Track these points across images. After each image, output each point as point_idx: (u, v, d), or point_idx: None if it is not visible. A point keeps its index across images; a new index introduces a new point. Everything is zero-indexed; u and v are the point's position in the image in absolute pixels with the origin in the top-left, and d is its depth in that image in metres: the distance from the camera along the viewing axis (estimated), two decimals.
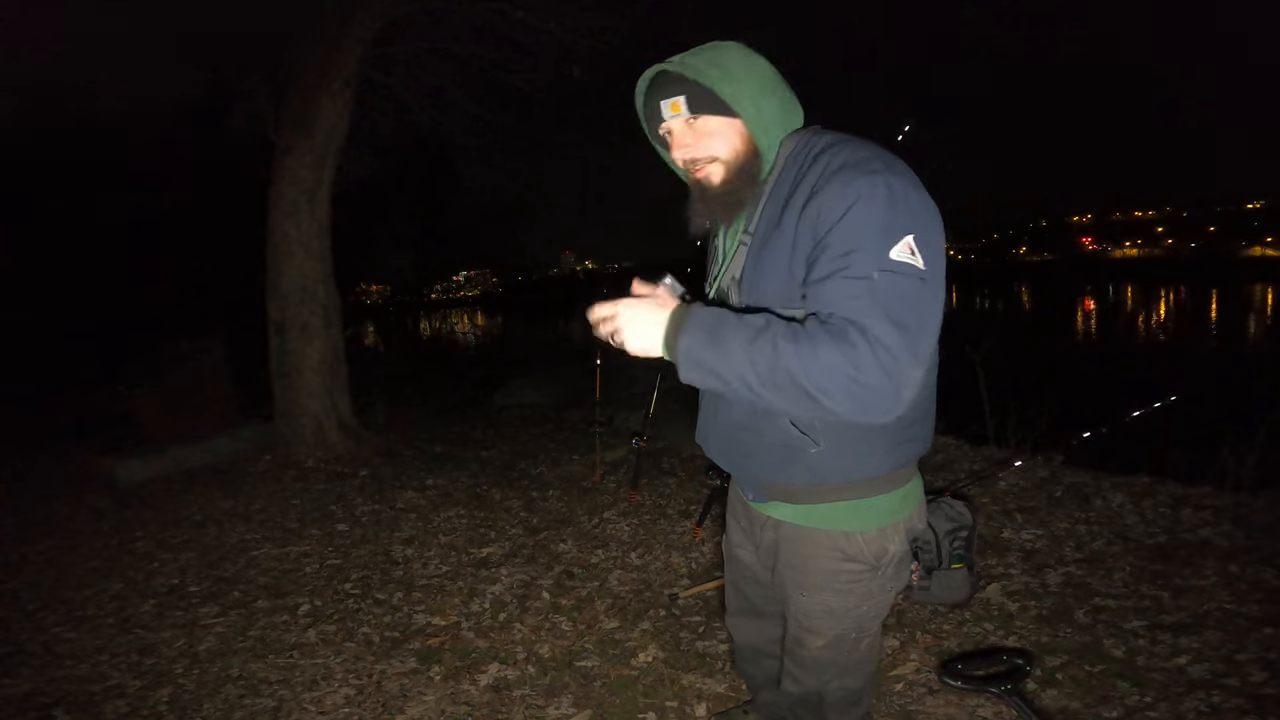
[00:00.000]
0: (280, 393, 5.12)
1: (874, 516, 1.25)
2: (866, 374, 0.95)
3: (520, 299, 42.11)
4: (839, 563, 1.27)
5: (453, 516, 3.82)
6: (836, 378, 0.96)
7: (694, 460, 4.39)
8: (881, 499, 1.24)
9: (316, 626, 2.72)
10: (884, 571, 1.28)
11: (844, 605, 1.29)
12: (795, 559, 1.31)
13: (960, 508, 2.59)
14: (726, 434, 1.30)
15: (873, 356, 0.95)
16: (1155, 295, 38.23)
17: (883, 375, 0.95)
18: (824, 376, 0.96)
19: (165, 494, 4.54)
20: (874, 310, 0.98)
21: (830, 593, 1.28)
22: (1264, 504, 3.10)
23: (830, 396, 0.97)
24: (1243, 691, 1.95)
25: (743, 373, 1.00)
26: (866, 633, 1.34)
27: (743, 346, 1.00)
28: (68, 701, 2.34)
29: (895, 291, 0.99)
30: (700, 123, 1.16)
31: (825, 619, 1.31)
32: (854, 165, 1.06)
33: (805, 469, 1.22)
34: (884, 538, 1.26)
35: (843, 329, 0.97)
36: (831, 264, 1.02)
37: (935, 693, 2.06)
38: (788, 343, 0.98)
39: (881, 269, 0.99)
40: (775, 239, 1.14)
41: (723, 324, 1.03)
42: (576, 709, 2.13)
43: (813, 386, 0.97)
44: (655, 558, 3.13)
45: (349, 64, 4.86)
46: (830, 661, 1.36)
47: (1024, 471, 3.63)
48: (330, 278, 5.17)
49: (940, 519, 2.53)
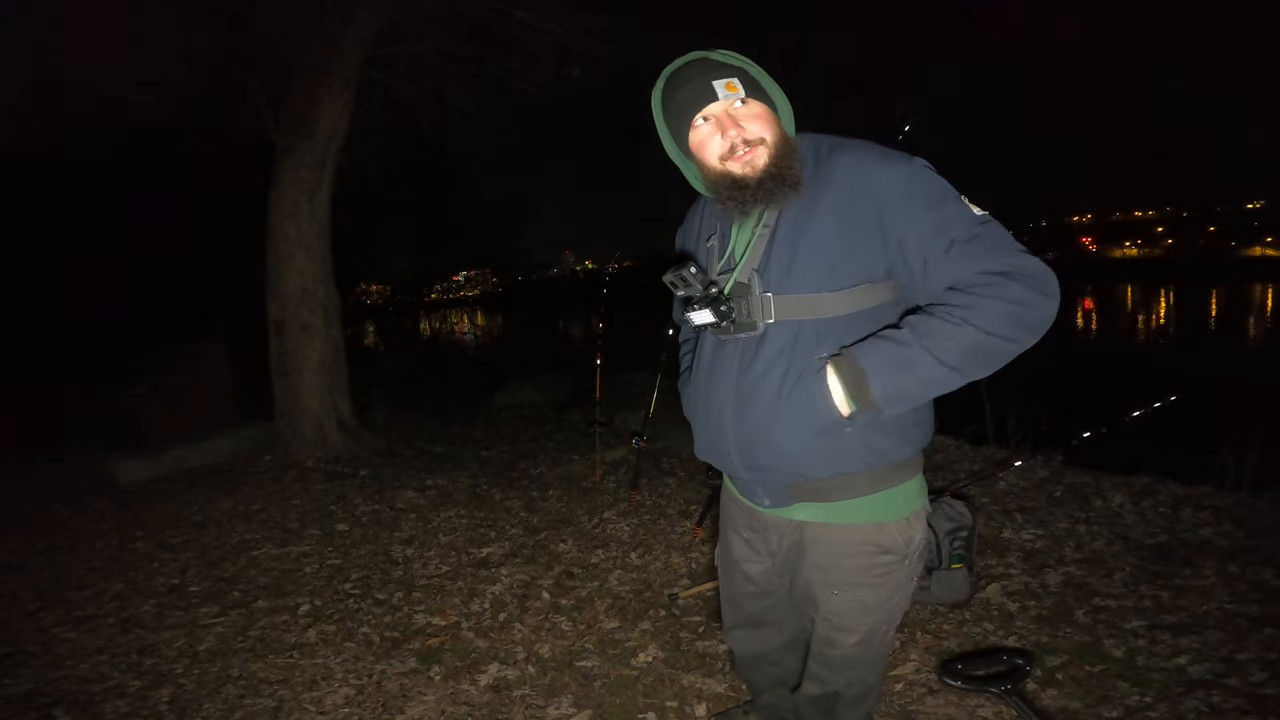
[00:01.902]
0: (280, 393, 5.12)
1: (904, 503, 1.28)
2: (1032, 301, 1.08)
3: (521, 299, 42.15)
4: (873, 556, 1.27)
5: (453, 516, 3.82)
6: (1015, 319, 1.08)
7: (694, 460, 4.39)
8: (909, 484, 1.28)
9: (316, 626, 2.72)
10: (912, 559, 1.31)
11: (878, 599, 1.30)
12: (825, 559, 1.30)
13: (960, 508, 2.60)
14: (749, 437, 1.25)
15: (1024, 287, 1.09)
16: (1155, 295, 38.22)
17: (1041, 295, 1.09)
18: (1006, 325, 1.08)
19: (165, 494, 4.54)
20: (999, 254, 1.11)
21: (865, 588, 1.29)
22: (1264, 504, 3.10)
23: (1018, 337, 1.10)
24: (1243, 691, 1.95)
25: (943, 374, 1.11)
26: (894, 624, 1.36)
27: (926, 354, 1.10)
28: (68, 701, 2.34)
29: (996, 233, 1.13)
30: (751, 106, 1.20)
31: (859, 615, 1.31)
32: (885, 157, 1.17)
33: (835, 459, 1.21)
34: (911, 525, 1.29)
35: (987, 281, 1.10)
36: (942, 241, 1.12)
37: (935, 693, 2.06)
38: (955, 325, 1.09)
39: (977, 223, 1.13)
40: (810, 229, 1.19)
41: (896, 351, 1.12)
42: (576, 709, 2.13)
43: (1002, 341, 1.09)
44: (655, 558, 3.13)
45: (349, 64, 4.87)
46: (859, 658, 1.36)
47: (1024, 471, 3.63)
48: (330, 278, 5.17)
49: (940, 519, 2.54)
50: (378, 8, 4.80)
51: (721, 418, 1.29)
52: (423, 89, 5.96)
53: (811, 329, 1.18)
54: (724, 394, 1.28)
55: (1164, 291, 39.61)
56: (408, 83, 5.84)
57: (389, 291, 21.18)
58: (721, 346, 1.30)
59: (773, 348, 1.21)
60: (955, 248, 1.11)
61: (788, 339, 1.20)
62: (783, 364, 1.20)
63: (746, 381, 1.23)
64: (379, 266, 16.83)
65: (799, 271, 1.18)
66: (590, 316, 14.39)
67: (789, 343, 1.20)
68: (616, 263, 5.19)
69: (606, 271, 4.84)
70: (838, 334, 1.18)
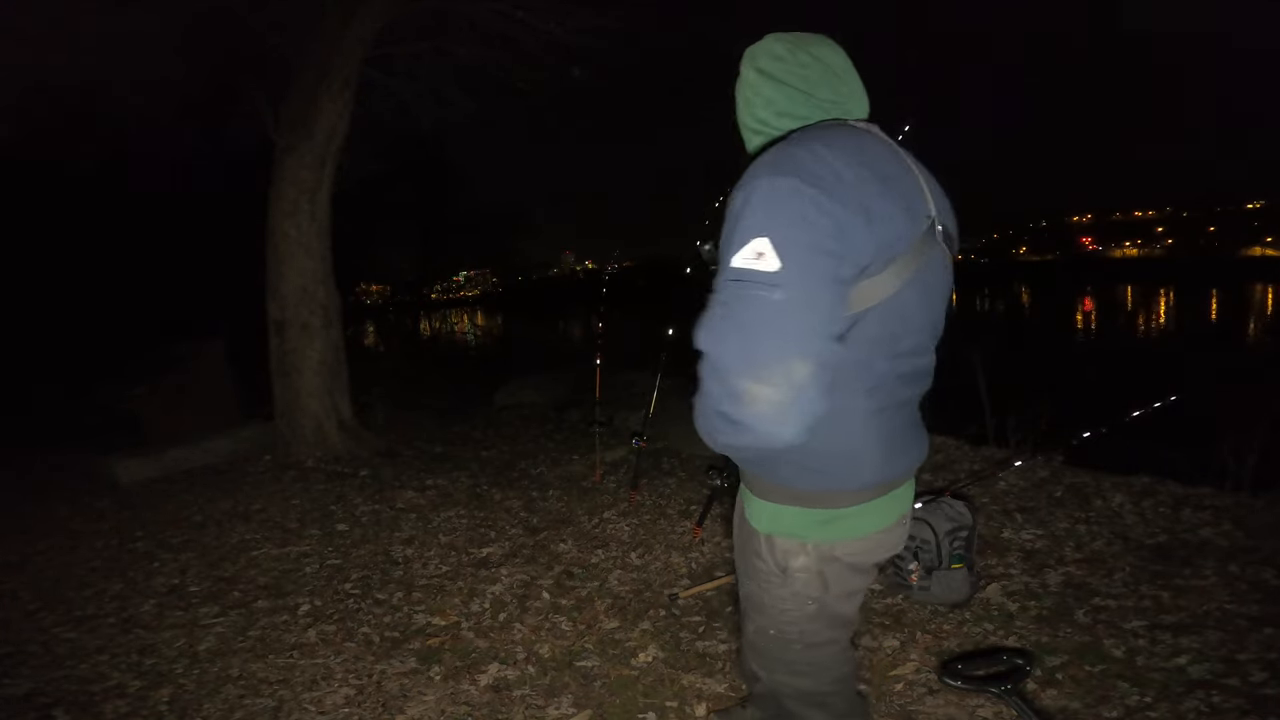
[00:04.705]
0: (280, 393, 5.12)
1: (779, 524, 1.21)
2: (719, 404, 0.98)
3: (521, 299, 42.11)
4: (752, 556, 1.29)
5: (453, 516, 3.82)
6: (706, 419, 1.02)
7: (694, 460, 4.39)
8: (788, 510, 1.19)
9: (316, 626, 2.72)
10: (791, 584, 1.23)
11: (762, 600, 1.30)
12: (739, 540, 1.35)
13: (960, 508, 2.60)
14: None
15: (719, 384, 0.97)
16: (1155, 295, 38.22)
17: (732, 400, 0.96)
18: (702, 421, 1.04)
19: (165, 494, 4.54)
20: (715, 324, 0.99)
21: (752, 583, 1.31)
22: (1264, 504, 3.10)
23: (712, 436, 1.03)
24: (1243, 691, 1.95)
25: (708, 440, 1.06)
26: (788, 636, 1.29)
27: None
28: (68, 701, 2.34)
29: (738, 300, 0.97)
30: None
31: (751, 606, 1.34)
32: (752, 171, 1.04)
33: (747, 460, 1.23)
34: (787, 551, 1.21)
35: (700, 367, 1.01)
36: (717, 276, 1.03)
37: (935, 693, 2.06)
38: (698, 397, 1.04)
39: (732, 277, 0.98)
40: None
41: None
42: (576, 709, 2.13)
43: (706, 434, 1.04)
44: (655, 558, 3.13)
45: (349, 64, 4.86)
46: (764, 651, 1.37)
47: (1024, 471, 3.63)
48: (330, 278, 5.17)
49: (940, 519, 2.55)
50: (378, 8, 4.80)
51: None
52: (423, 89, 5.96)
53: None
54: None
55: (1164, 292, 39.60)
56: (408, 83, 5.85)
57: (389, 291, 21.20)
58: None
59: None
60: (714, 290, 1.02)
61: None
62: None
63: None
64: (379, 266, 16.83)
65: None
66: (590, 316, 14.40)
67: None
68: (616, 263, 5.19)
69: (606, 271, 4.84)
70: None
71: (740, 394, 0.95)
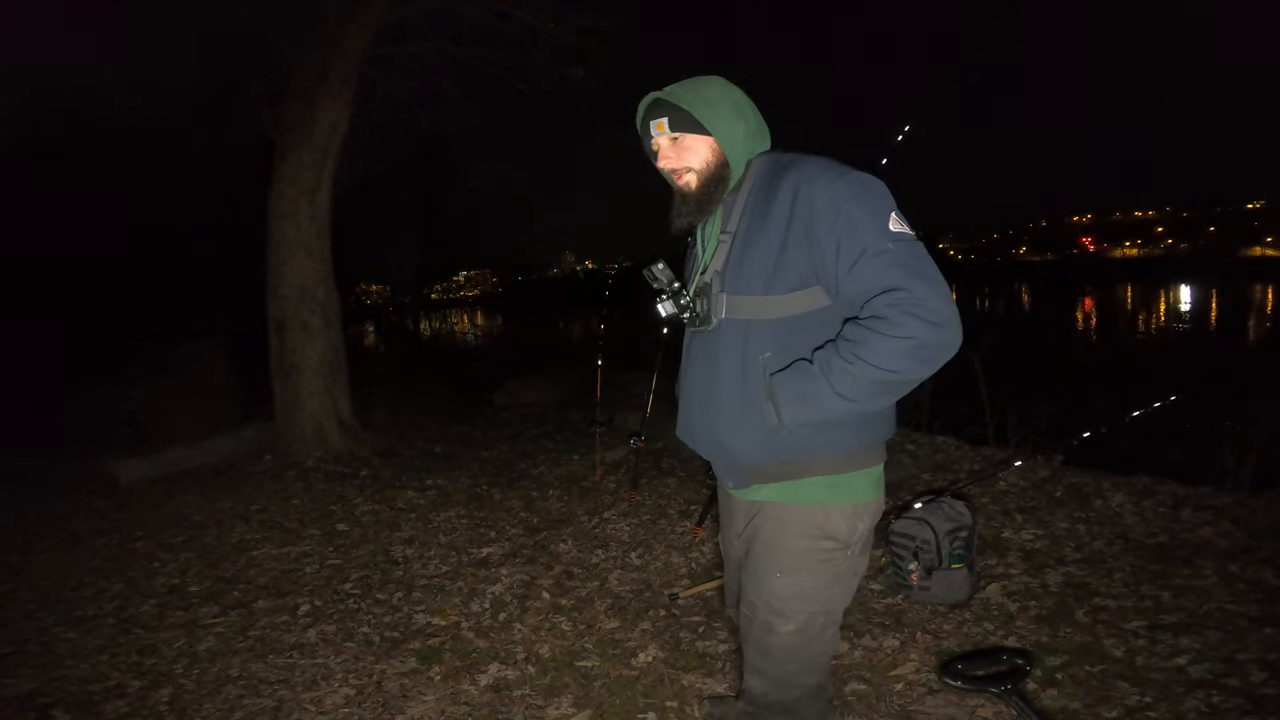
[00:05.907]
0: (280, 393, 5.13)
1: (849, 492, 1.34)
2: (922, 333, 1.14)
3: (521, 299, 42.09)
4: (815, 540, 1.34)
5: (453, 516, 3.82)
6: (904, 354, 1.15)
7: (694, 460, 4.39)
8: (859, 475, 1.34)
9: (316, 626, 2.72)
10: (854, 550, 1.37)
11: (816, 586, 1.36)
12: (772, 539, 1.38)
13: (960, 508, 2.60)
14: (710, 424, 1.39)
15: (915, 319, 1.14)
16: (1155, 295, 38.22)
17: (933, 327, 1.15)
18: (896, 360, 1.15)
19: (165, 494, 4.54)
20: (903, 271, 1.17)
21: (805, 573, 1.35)
22: (1264, 504, 3.10)
23: (909, 371, 1.16)
24: (1243, 691, 1.95)
25: (844, 406, 1.20)
26: (833, 619, 1.41)
27: (829, 390, 1.20)
28: (68, 701, 2.34)
29: (906, 250, 1.20)
30: (681, 139, 1.37)
31: (798, 601, 1.37)
32: (826, 172, 1.25)
33: (783, 448, 1.31)
34: (857, 515, 1.36)
35: (883, 313, 1.16)
36: (853, 252, 1.20)
37: (935, 693, 2.06)
38: (855, 358, 1.17)
39: (890, 239, 1.20)
40: (758, 238, 1.30)
41: (804, 385, 1.23)
42: (576, 709, 2.13)
43: (895, 374, 1.16)
44: (655, 558, 3.13)
45: (349, 64, 4.87)
46: (796, 649, 1.40)
47: (1024, 471, 3.63)
48: (330, 278, 5.17)
49: (940, 519, 2.54)
50: (378, 7, 4.80)
51: (691, 405, 1.45)
52: (423, 89, 5.96)
53: (757, 328, 1.31)
54: (693, 383, 1.44)
55: (1164, 292, 39.60)
56: (408, 83, 5.84)
57: (389, 291, 21.17)
58: (693, 339, 1.46)
59: (727, 343, 1.35)
60: (863, 260, 1.19)
61: (739, 336, 1.33)
62: (736, 360, 1.33)
63: (710, 373, 1.38)
64: (379, 266, 16.82)
65: (747, 275, 1.31)
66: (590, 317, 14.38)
67: (740, 340, 1.33)
68: (617, 263, 5.19)
69: (607, 271, 4.84)
70: (780, 335, 1.30)
71: (950, 319, 1.16)
